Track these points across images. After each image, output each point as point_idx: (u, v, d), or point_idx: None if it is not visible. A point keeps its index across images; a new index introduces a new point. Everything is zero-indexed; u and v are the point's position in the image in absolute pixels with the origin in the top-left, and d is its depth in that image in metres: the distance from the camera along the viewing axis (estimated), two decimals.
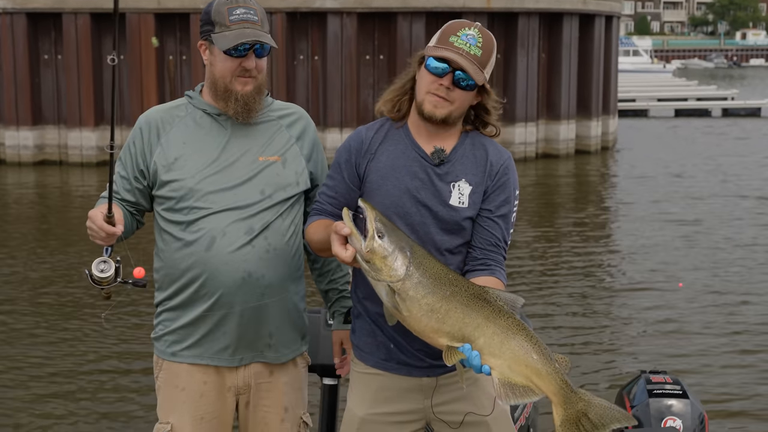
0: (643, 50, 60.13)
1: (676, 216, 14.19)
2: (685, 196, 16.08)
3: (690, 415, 3.69)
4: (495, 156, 2.90)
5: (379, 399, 2.93)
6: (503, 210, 2.87)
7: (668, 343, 7.95)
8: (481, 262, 2.83)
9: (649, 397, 3.79)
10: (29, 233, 13.37)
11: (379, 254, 2.51)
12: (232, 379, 3.08)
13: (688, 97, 37.76)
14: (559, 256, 11.49)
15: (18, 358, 7.46)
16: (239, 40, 2.92)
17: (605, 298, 9.61)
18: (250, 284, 2.98)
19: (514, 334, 2.53)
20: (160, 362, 3.12)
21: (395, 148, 2.87)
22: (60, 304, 9.07)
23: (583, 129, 22.51)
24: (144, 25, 19.59)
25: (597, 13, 22.67)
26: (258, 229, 2.99)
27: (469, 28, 2.79)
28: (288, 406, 3.17)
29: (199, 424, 3.06)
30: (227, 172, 3.01)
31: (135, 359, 7.40)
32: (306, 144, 3.17)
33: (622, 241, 12.68)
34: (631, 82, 40.95)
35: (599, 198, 17.07)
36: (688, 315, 8.80)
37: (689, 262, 11.05)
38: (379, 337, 2.92)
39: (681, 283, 9.85)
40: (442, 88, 2.76)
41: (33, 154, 20.15)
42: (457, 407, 2.92)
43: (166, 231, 3.05)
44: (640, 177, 18.55)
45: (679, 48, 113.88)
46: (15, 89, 19.95)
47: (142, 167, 3.06)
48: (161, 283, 3.10)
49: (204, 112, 3.08)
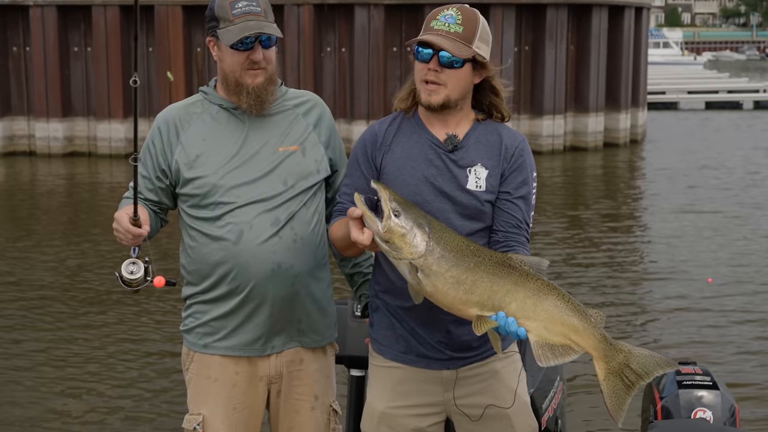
0: (674, 42, 59.52)
1: (706, 208, 14.09)
2: (714, 189, 15.94)
3: (720, 407, 3.64)
4: (509, 139, 2.91)
5: (399, 392, 2.93)
6: (522, 191, 2.87)
7: (696, 333, 7.92)
8: (504, 244, 2.83)
9: (679, 388, 3.74)
10: (60, 223, 13.53)
11: (397, 233, 2.51)
12: (264, 369, 3.11)
13: (719, 90, 37.35)
14: (585, 247, 11.45)
15: (50, 346, 7.57)
16: (243, 34, 2.93)
17: (632, 288, 9.58)
18: (280, 275, 3.01)
19: (546, 294, 2.54)
20: (191, 354, 3.15)
21: (409, 138, 2.89)
22: (88, 294, 9.18)
23: (612, 122, 22.35)
24: (172, 17, 19.70)
25: (626, 5, 22.49)
26: (284, 219, 3.02)
27: (448, 8, 2.83)
28: (318, 394, 3.20)
29: (232, 414, 3.09)
30: (249, 165, 3.04)
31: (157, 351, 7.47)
32: (323, 131, 3.19)
33: (650, 233, 12.62)
34: (661, 74, 40.55)
35: (627, 191, 16.95)
36: (718, 306, 8.75)
37: (718, 255, 10.98)
38: (398, 329, 2.92)
39: (710, 279, 9.78)
40: (431, 72, 2.78)
41: (63, 146, 20.36)
42: (477, 400, 2.92)
43: (193, 227, 3.08)
44: (669, 169, 18.40)
45: (711, 40, 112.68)
46: (45, 81, 20.14)
47: (163, 166, 3.08)
48: (191, 278, 3.13)
49: (220, 107, 3.10)
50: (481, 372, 2.92)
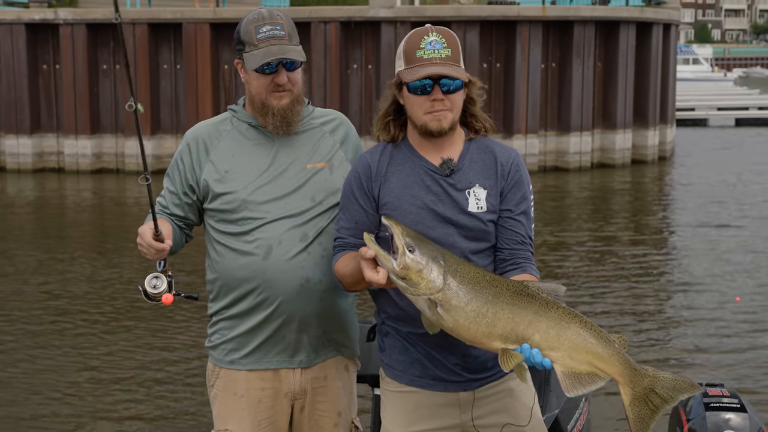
0: (704, 58, 59.19)
1: (734, 226, 13.96)
2: (742, 205, 15.80)
3: (748, 429, 3.59)
4: (503, 156, 2.90)
5: (416, 417, 2.90)
6: (522, 207, 2.88)
7: (724, 355, 7.83)
8: (511, 262, 2.83)
9: (706, 410, 3.69)
10: (89, 237, 13.66)
11: (413, 269, 2.50)
12: (289, 384, 3.13)
13: (749, 106, 37.05)
14: (612, 265, 11.38)
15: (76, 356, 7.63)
16: (266, 60, 2.97)
17: (658, 306, 9.49)
18: (308, 290, 3.04)
19: (568, 323, 2.53)
20: (217, 370, 3.17)
21: (403, 166, 2.86)
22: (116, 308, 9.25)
23: (640, 138, 22.23)
24: (200, 34, 19.90)
25: (654, 21, 22.41)
26: (312, 235, 3.06)
27: (427, 35, 2.76)
28: (341, 410, 3.22)
29: (257, 430, 3.11)
30: (278, 182, 3.07)
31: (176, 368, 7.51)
32: (350, 148, 3.24)
33: (676, 250, 12.50)
34: (691, 90, 40.30)
35: (654, 207, 16.83)
36: (746, 327, 8.65)
37: (747, 274, 10.87)
38: (413, 353, 2.89)
39: (738, 298, 9.68)
40: (437, 102, 2.76)
41: (91, 163, 20.57)
42: (495, 419, 2.90)
43: (221, 242, 3.10)
44: (698, 186, 18.27)
45: (741, 56, 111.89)
46: (74, 98, 20.39)
47: (191, 182, 3.12)
48: (217, 293, 3.15)
49: (249, 124, 3.14)
50: (497, 391, 2.92)
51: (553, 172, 20.67)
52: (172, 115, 20.63)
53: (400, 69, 2.80)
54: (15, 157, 20.71)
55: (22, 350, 7.96)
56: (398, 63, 2.82)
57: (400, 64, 2.80)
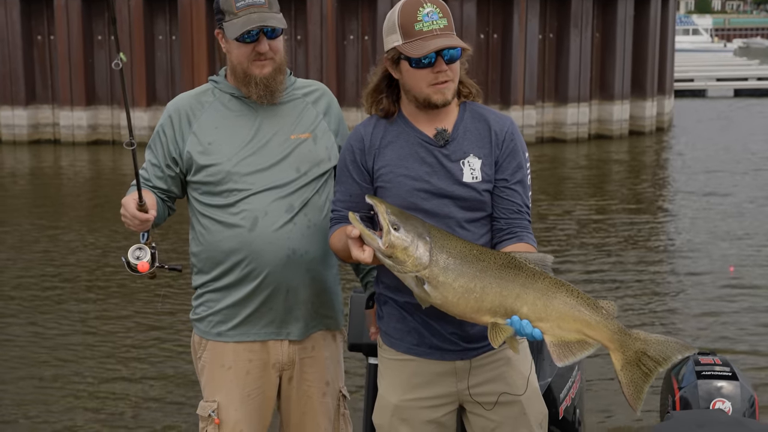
0: (703, 29, 58.93)
1: (732, 198, 13.96)
2: (740, 175, 15.78)
3: (740, 397, 3.61)
4: (497, 125, 2.87)
5: (413, 385, 2.92)
6: (518, 176, 2.85)
7: (716, 323, 7.84)
8: (507, 231, 2.82)
9: (698, 378, 3.70)
10: (83, 208, 13.66)
11: (399, 246, 2.48)
12: (277, 355, 3.14)
13: (748, 77, 36.91)
14: (608, 235, 11.38)
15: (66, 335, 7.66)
16: (246, 27, 2.94)
17: (653, 275, 9.49)
18: (295, 261, 3.04)
19: (554, 293, 2.53)
20: (204, 342, 3.17)
21: (398, 138, 2.85)
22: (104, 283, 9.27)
23: (638, 109, 22.15)
24: (195, 6, 19.76)
25: None
26: (298, 206, 3.06)
27: (422, 6, 2.71)
28: (329, 380, 3.24)
29: (246, 401, 3.12)
30: (262, 153, 3.06)
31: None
32: (333, 119, 3.23)
33: (673, 220, 12.50)
34: (690, 61, 40.14)
35: (651, 177, 16.81)
36: (739, 296, 8.67)
37: (742, 244, 10.88)
38: (410, 322, 2.89)
39: (732, 267, 9.70)
40: (441, 74, 2.73)
41: (87, 134, 20.51)
42: (491, 388, 2.91)
43: (205, 215, 3.09)
44: (695, 158, 18.22)
45: (741, 27, 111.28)
46: (69, 70, 20.29)
47: (174, 155, 3.10)
48: (202, 265, 3.14)
49: (231, 95, 3.12)
50: (494, 360, 2.91)
51: (551, 143, 20.61)
52: (168, 86, 20.53)
53: (397, 43, 2.73)
54: (10, 129, 20.63)
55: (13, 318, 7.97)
56: (392, 37, 2.75)
57: (396, 39, 2.73)
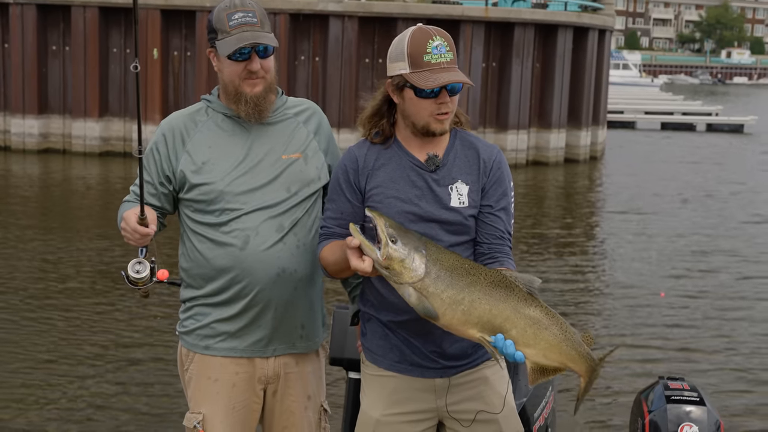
0: (633, 64, 60.18)
1: (662, 225, 14.12)
2: (668, 205, 16.00)
3: (707, 422, 3.63)
4: (486, 153, 2.90)
5: (394, 400, 2.93)
6: (503, 203, 2.88)
7: (656, 344, 7.83)
8: (489, 256, 2.83)
9: (667, 402, 3.72)
10: (33, 217, 13.20)
11: (396, 259, 2.50)
12: (263, 370, 3.11)
13: (674, 111, 37.75)
14: (547, 258, 11.36)
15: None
16: (239, 45, 2.89)
17: (588, 301, 9.49)
18: (284, 279, 3.02)
19: (546, 324, 2.54)
20: (191, 355, 3.13)
21: (390, 161, 2.86)
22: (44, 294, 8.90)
23: (573, 138, 22.42)
24: (151, 20, 19.41)
25: (591, 27, 22.57)
26: (288, 226, 3.03)
27: (432, 39, 2.70)
28: (311, 394, 3.23)
29: (231, 413, 3.09)
30: (254, 173, 3.02)
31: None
32: (323, 138, 3.19)
33: (608, 248, 12.58)
34: (620, 94, 40.86)
35: (585, 205, 16.94)
36: (673, 318, 8.69)
37: (671, 270, 10.97)
38: (392, 340, 2.90)
39: (663, 293, 9.73)
40: (443, 105, 2.74)
41: (37, 142, 19.99)
42: (469, 406, 2.92)
43: (197, 232, 3.05)
44: (626, 186, 18.44)
45: (667, 63, 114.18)
46: (22, 78, 19.78)
47: (167, 173, 3.05)
48: (192, 281, 3.10)
49: (224, 115, 3.06)
50: (472, 379, 2.93)
51: None
52: (121, 98, 20.14)
53: (404, 71, 2.71)
54: None
55: None
56: (399, 64, 2.73)
57: (404, 67, 2.71)
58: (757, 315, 9.12)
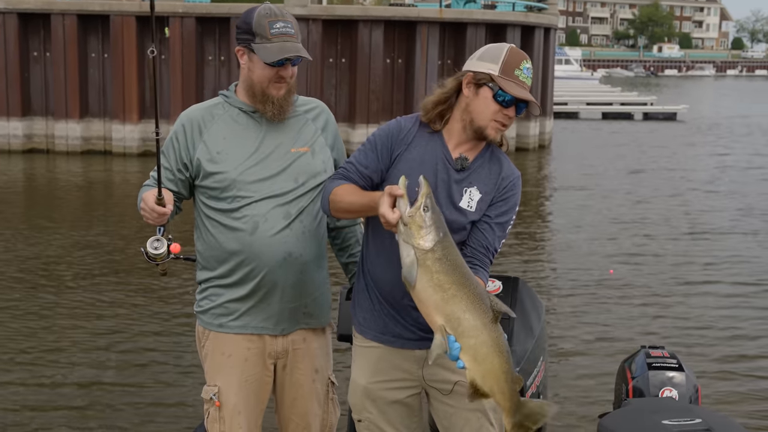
0: (574, 59, 60.62)
1: (610, 208, 14.42)
2: (609, 186, 16.37)
3: (686, 386, 3.72)
4: (507, 171, 2.92)
5: (379, 369, 2.97)
6: (501, 218, 2.88)
7: (600, 322, 7.95)
8: (468, 261, 2.74)
9: (649, 369, 3.80)
10: (21, 214, 13.22)
11: (417, 222, 2.50)
12: (273, 346, 3.17)
13: (613, 102, 38.23)
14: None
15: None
16: (282, 55, 2.96)
17: (540, 279, 9.62)
18: (291, 263, 3.07)
19: (500, 353, 2.53)
20: (207, 333, 3.19)
21: (427, 144, 2.86)
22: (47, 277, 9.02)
23: (523, 129, 22.73)
24: (126, 26, 19.38)
25: (537, 25, 22.89)
26: (294, 213, 3.08)
27: (526, 60, 2.80)
28: (318, 368, 3.28)
29: (244, 385, 3.15)
30: (265, 164, 3.07)
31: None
32: (329, 135, 3.26)
33: (561, 229, 12.81)
34: (564, 87, 41.25)
35: (538, 191, 17.28)
36: (621, 294, 8.84)
37: (616, 246, 11.15)
38: (377, 312, 2.95)
39: (612, 270, 9.69)
40: (507, 117, 2.79)
41: (22, 143, 19.86)
42: (447, 376, 2.93)
43: (211, 217, 3.11)
44: (573, 172, 18.80)
45: (605, 58, 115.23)
46: (6, 83, 19.61)
47: (185, 160, 3.10)
48: (206, 263, 3.16)
49: (240, 110, 3.12)
50: None
51: None
52: (100, 100, 20.08)
53: (492, 72, 2.76)
54: None
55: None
56: (489, 65, 2.78)
57: (493, 68, 2.76)
58: (710, 275, 9.35)
